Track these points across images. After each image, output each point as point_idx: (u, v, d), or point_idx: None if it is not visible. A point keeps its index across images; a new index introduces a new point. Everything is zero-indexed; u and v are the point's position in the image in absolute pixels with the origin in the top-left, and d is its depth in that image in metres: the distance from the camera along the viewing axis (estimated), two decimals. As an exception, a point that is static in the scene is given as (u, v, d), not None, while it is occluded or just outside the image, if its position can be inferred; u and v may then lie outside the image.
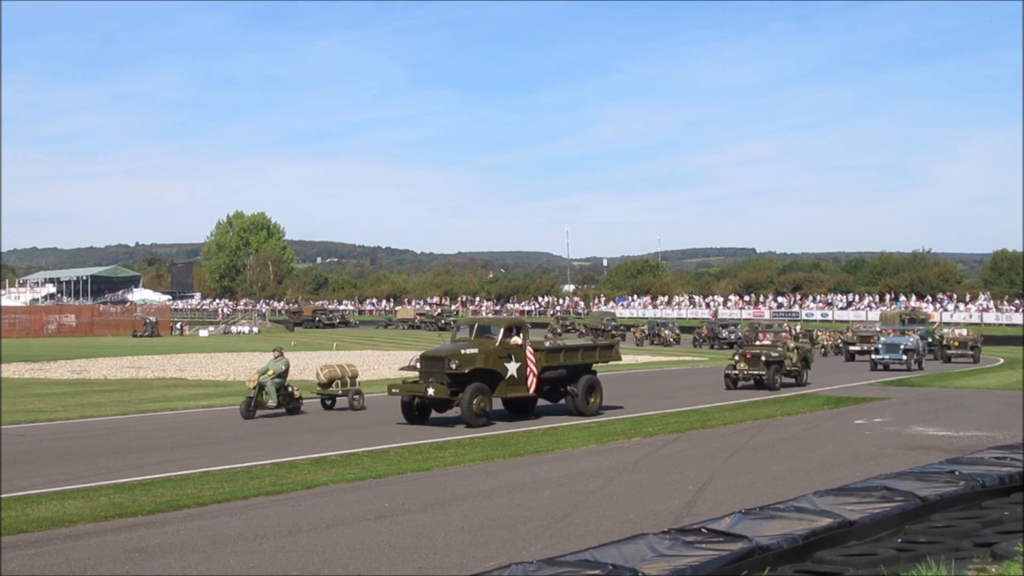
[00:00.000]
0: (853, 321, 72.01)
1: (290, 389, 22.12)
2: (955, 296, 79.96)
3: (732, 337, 59.11)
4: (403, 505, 11.81)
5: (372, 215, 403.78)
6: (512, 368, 20.12)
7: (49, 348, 54.27)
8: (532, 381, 20.37)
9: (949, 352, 45.63)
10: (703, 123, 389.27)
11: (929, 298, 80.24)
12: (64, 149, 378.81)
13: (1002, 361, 45.80)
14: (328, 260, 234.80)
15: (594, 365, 22.60)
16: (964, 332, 50.87)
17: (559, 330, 75.70)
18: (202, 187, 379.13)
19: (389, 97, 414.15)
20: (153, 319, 79.67)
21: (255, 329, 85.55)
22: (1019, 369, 36.83)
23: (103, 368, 37.93)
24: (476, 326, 21.07)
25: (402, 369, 22.53)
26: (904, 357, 37.64)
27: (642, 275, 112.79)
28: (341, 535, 10.26)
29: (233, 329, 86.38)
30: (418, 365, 20.30)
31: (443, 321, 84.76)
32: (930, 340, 47.63)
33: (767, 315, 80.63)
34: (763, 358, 28.39)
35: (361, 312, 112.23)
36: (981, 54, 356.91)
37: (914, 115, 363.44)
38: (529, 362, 20.30)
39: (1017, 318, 70.94)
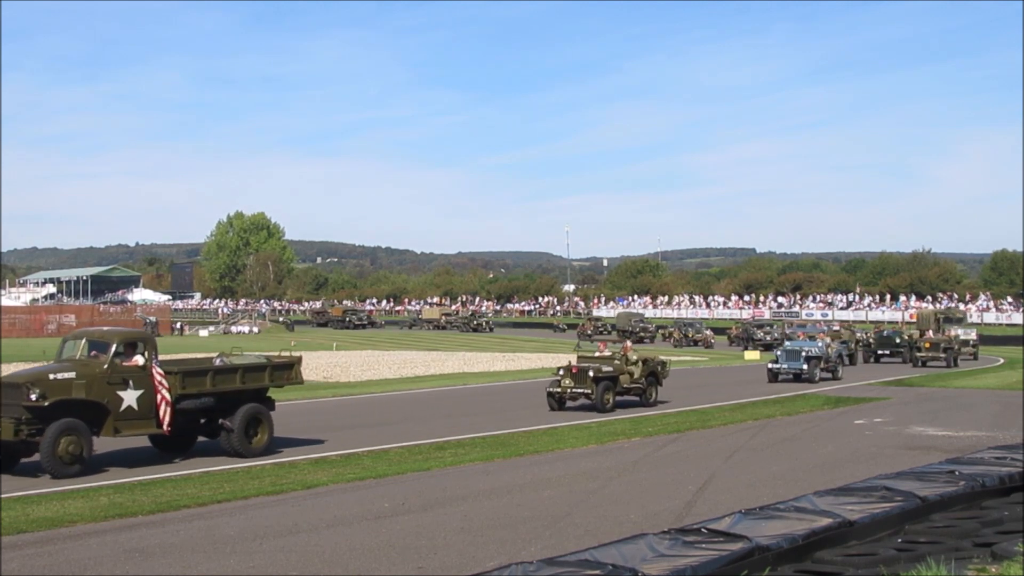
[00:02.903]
0: (853, 321, 71.91)
1: None
2: (955, 296, 79.92)
3: (768, 338, 55.28)
4: (403, 505, 11.82)
5: (372, 215, 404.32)
6: (131, 397, 15.09)
7: (49, 348, 54.17)
8: (165, 413, 15.27)
9: (919, 355, 40.75)
10: (703, 123, 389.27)
11: (929, 298, 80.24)
12: (64, 149, 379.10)
13: (1002, 361, 45.70)
14: (328, 260, 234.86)
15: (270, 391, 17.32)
16: (955, 332, 47.20)
17: (591, 332, 71.37)
18: (202, 187, 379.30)
19: (389, 97, 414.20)
20: (153, 319, 79.68)
21: (255, 329, 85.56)
22: (1019, 369, 36.80)
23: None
24: (85, 341, 15.84)
25: None
26: (805, 367, 31.17)
27: (642, 275, 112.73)
28: (341, 535, 10.27)
29: (233, 329, 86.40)
30: None
31: (475, 322, 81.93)
32: (898, 341, 44.20)
33: (767, 315, 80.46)
34: (591, 373, 22.65)
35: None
36: (981, 54, 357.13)
37: (914, 115, 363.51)
38: (159, 389, 15.28)
39: (1017, 318, 70.92)
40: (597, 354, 24.86)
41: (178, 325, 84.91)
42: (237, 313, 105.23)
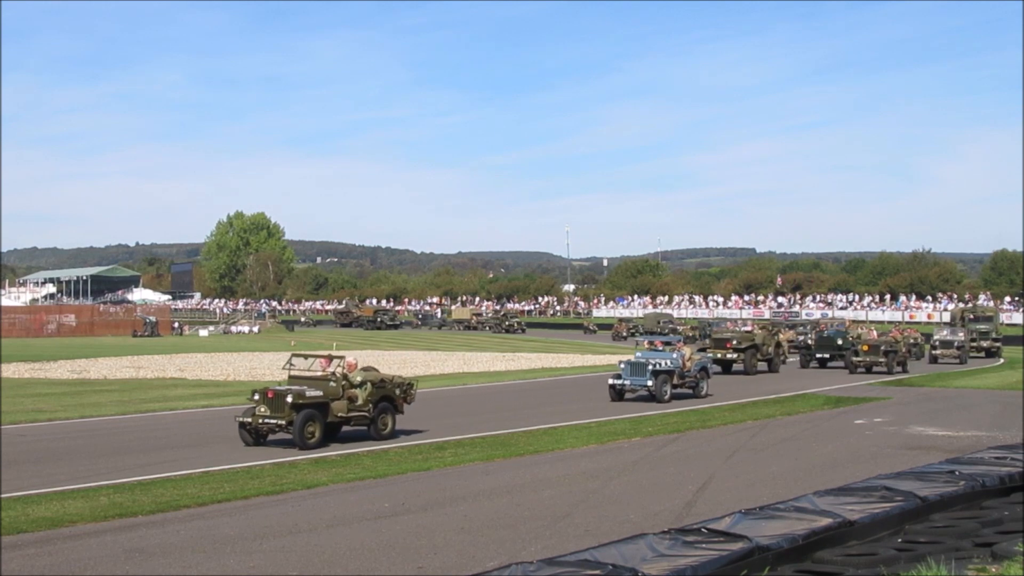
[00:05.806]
0: (853, 321, 71.76)
1: None
2: (955, 296, 79.91)
3: (802, 339, 47.47)
4: (403, 505, 11.82)
5: (372, 215, 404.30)
6: None
7: (49, 348, 54.25)
8: None
9: (856, 360, 35.42)
10: (703, 123, 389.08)
11: (929, 298, 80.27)
12: (64, 149, 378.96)
13: (1002, 361, 45.69)
14: (328, 260, 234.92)
15: None
16: (904, 331, 42.83)
17: (624, 333, 68.45)
18: (202, 187, 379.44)
19: (390, 97, 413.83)
20: (153, 319, 79.76)
21: (255, 329, 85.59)
22: (1019, 369, 36.79)
23: (103, 368, 37.92)
24: None
25: None
26: (651, 382, 25.16)
27: (642, 275, 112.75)
28: (341, 535, 10.27)
29: (233, 329, 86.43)
30: None
31: (507, 323, 79.84)
32: (840, 343, 38.55)
33: (767, 315, 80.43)
34: (289, 399, 16.93)
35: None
36: (981, 54, 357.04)
37: (915, 115, 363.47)
38: None
39: (1017, 318, 70.92)
40: (320, 373, 18.46)
41: (177, 325, 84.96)
42: (237, 313, 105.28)
